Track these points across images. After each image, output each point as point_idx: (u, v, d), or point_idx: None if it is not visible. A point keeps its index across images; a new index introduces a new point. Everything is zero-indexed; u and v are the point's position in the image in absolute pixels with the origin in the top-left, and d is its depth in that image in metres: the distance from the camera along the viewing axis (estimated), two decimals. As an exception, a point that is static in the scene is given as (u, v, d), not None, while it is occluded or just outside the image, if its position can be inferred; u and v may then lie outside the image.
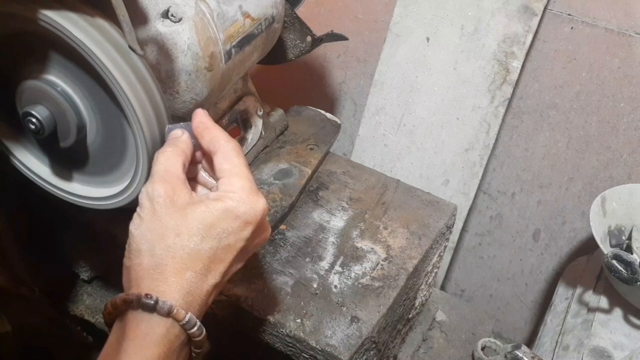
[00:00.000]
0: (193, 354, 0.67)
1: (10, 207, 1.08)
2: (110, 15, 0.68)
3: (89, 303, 1.18)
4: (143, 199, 0.66)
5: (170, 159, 0.68)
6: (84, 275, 1.17)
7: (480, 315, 1.24)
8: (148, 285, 0.63)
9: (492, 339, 1.14)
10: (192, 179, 0.75)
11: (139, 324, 0.62)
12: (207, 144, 0.70)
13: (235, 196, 0.66)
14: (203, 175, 0.76)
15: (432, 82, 1.56)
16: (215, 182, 0.73)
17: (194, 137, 0.72)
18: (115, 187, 0.83)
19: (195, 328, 0.64)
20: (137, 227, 0.66)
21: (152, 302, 0.61)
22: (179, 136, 0.71)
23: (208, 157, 0.72)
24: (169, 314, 0.62)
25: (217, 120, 1.00)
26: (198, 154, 0.74)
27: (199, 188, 0.76)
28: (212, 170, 0.72)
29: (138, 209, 0.67)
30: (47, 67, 0.76)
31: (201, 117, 0.72)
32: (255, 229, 0.68)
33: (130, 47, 0.70)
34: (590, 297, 1.36)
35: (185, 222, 0.65)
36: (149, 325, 0.62)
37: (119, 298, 0.63)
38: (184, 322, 0.63)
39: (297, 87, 1.88)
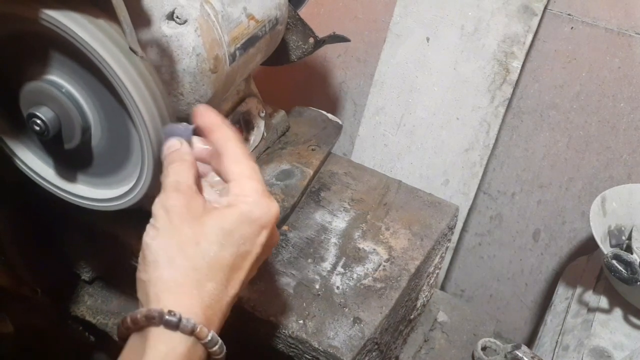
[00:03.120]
0: None
1: (12, 207, 1.08)
2: (112, 16, 0.68)
3: (90, 303, 1.18)
4: (157, 210, 0.64)
5: (181, 172, 0.66)
6: (85, 275, 1.17)
7: (481, 316, 1.25)
8: (168, 299, 0.61)
9: (492, 339, 1.14)
10: (198, 177, 0.74)
11: (160, 341, 0.59)
12: (214, 142, 0.69)
13: (249, 199, 0.65)
14: (212, 175, 0.75)
15: (432, 82, 1.57)
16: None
17: (197, 135, 0.71)
18: (119, 189, 0.82)
19: (217, 347, 0.62)
20: (154, 238, 0.63)
21: (176, 319, 0.59)
22: (178, 148, 0.69)
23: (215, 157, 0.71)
24: (192, 332, 0.60)
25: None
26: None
27: (207, 189, 0.75)
28: (218, 168, 0.70)
29: (152, 220, 0.64)
30: (51, 68, 0.76)
31: (209, 117, 0.70)
32: (269, 233, 0.66)
33: (131, 48, 0.69)
34: (590, 297, 1.36)
35: (203, 230, 0.63)
36: (171, 343, 0.59)
37: (140, 314, 0.60)
38: (206, 340, 0.61)
39: (297, 87, 1.88)
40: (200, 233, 0.63)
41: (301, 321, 0.90)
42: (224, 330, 0.66)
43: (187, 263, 0.62)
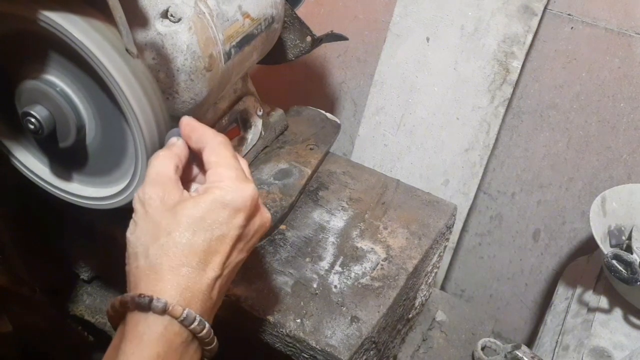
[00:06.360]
0: (206, 352, 0.67)
1: (11, 207, 1.08)
2: (108, 16, 0.68)
3: (89, 303, 1.18)
4: (136, 204, 0.67)
5: (163, 162, 0.69)
6: (84, 275, 1.17)
7: (480, 315, 1.24)
8: (145, 285, 0.63)
9: (492, 339, 1.14)
10: (189, 181, 0.75)
11: (137, 324, 0.62)
12: (196, 142, 0.71)
13: (222, 185, 0.67)
14: (200, 176, 0.76)
15: (432, 82, 1.56)
16: None
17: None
18: (114, 187, 0.83)
19: (196, 323, 0.63)
20: (132, 232, 0.66)
21: (146, 301, 0.61)
22: (174, 143, 0.72)
23: (199, 159, 0.73)
24: (164, 311, 0.62)
25: (217, 120, 1.00)
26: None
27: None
28: (202, 167, 0.72)
29: (133, 214, 0.68)
30: (46, 67, 0.76)
31: (187, 121, 0.72)
32: (247, 215, 0.68)
33: (127, 49, 0.70)
34: (590, 297, 1.36)
35: (176, 219, 0.65)
36: (146, 325, 0.62)
37: (116, 300, 0.64)
38: (181, 318, 0.62)
39: (297, 87, 1.88)
40: (173, 223, 0.65)
41: (299, 320, 0.90)
42: (222, 329, 0.67)
43: (160, 252, 0.64)
